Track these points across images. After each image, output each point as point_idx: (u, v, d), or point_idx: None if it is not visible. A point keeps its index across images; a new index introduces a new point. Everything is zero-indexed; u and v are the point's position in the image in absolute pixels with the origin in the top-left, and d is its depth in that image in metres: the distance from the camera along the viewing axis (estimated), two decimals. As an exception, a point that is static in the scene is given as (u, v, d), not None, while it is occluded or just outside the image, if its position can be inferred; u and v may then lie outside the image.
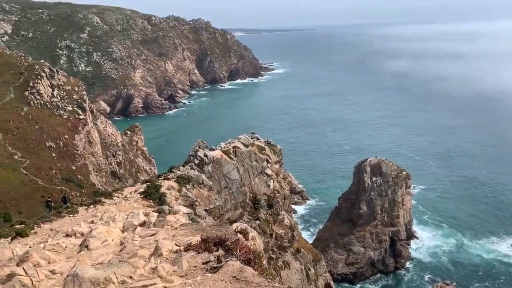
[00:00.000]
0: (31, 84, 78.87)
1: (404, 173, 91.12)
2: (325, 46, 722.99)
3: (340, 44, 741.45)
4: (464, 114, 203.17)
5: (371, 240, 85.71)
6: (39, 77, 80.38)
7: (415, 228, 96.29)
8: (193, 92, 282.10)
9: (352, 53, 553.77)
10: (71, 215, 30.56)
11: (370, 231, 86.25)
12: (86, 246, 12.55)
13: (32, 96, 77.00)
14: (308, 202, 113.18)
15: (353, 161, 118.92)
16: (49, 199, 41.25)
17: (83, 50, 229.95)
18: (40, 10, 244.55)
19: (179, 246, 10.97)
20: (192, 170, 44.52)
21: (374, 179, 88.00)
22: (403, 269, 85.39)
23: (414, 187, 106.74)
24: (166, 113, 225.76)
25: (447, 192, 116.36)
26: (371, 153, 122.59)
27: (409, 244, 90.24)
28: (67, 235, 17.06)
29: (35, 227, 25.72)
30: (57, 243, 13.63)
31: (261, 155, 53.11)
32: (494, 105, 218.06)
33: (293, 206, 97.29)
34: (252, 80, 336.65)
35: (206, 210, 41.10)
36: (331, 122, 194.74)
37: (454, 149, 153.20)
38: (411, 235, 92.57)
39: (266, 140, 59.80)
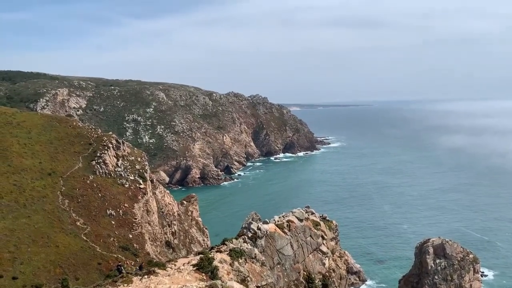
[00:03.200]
0: (98, 154, 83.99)
1: (471, 256, 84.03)
2: (381, 121, 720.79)
3: (396, 120, 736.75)
4: None
5: (436, 330, 77.75)
6: (106, 148, 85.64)
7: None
8: (248, 163, 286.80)
9: (409, 128, 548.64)
10: (125, 284, 30.72)
11: (435, 320, 78.49)
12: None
13: (98, 166, 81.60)
14: (366, 283, 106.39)
15: (413, 240, 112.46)
16: (120, 264, 42.34)
17: (148, 123, 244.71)
18: (112, 87, 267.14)
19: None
20: (245, 244, 43.90)
21: (437, 261, 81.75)
22: None
23: (483, 272, 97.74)
24: (221, 184, 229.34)
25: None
26: (431, 232, 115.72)
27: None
28: (121, 307, 17.01)
29: (90, 296, 25.98)
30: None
31: (316, 231, 51.64)
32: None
33: None
34: (307, 153, 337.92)
35: (257, 287, 39.76)
36: (388, 197, 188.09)
37: None
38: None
39: (321, 215, 58.39)
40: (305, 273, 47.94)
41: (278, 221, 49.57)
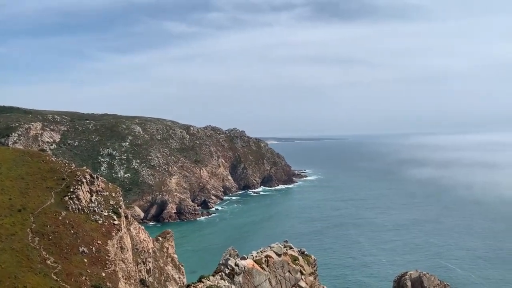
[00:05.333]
0: (71, 189, 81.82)
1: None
2: (356, 154, 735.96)
3: (370, 153, 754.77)
4: (494, 219, 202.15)
5: None
6: (79, 183, 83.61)
7: None
8: (225, 197, 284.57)
9: (382, 161, 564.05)
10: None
11: None
12: None
13: (71, 201, 79.35)
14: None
15: (390, 273, 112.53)
16: None
17: (124, 157, 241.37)
18: (87, 121, 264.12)
19: None
20: (222, 281, 42.99)
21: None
22: None
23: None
24: (198, 219, 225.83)
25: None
26: (408, 264, 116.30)
27: None
28: None
29: None
30: None
31: (294, 266, 51.06)
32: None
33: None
34: (284, 186, 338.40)
35: (235, 326, 38.67)
36: (364, 230, 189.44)
37: (493, 256, 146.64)
38: None
39: (299, 249, 57.92)
40: (283, 310, 47.02)
41: (256, 257, 48.88)
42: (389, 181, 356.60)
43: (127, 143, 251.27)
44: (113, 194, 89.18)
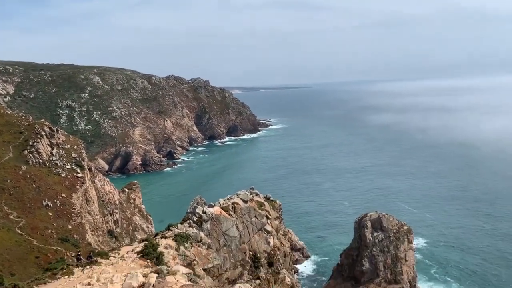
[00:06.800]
0: (30, 143, 79.24)
1: (405, 227, 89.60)
2: (320, 102, 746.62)
3: (333, 101, 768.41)
4: (448, 160, 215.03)
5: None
6: (39, 136, 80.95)
7: (422, 285, 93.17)
8: (191, 148, 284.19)
9: (344, 108, 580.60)
10: (66, 276, 29.62)
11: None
12: (82, 311, 12.07)
13: (31, 155, 77.11)
14: (309, 259, 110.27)
15: (352, 215, 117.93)
16: (79, 253, 41.27)
17: (84, 109, 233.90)
18: (42, 72, 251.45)
19: (179, 309, 10.56)
20: (191, 228, 43.83)
21: (375, 234, 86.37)
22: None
23: (416, 243, 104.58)
24: (164, 170, 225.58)
25: (450, 244, 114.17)
26: (367, 205, 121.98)
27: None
28: (62, 299, 16.44)
29: (29, 291, 24.87)
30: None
31: (260, 211, 52.54)
32: (474, 151, 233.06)
33: (294, 264, 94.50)
34: (250, 136, 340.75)
35: (204, 270, 39.98)
36: (327, 175, 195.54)
37: (446, 195, 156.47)
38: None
39: (265, 196, 59.47)
40: (251, 252, 48.83)
41: (223, 204, 49.86)
42: (351, 128, 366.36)
43: (87, 94, 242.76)
44: (75, 147, 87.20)
